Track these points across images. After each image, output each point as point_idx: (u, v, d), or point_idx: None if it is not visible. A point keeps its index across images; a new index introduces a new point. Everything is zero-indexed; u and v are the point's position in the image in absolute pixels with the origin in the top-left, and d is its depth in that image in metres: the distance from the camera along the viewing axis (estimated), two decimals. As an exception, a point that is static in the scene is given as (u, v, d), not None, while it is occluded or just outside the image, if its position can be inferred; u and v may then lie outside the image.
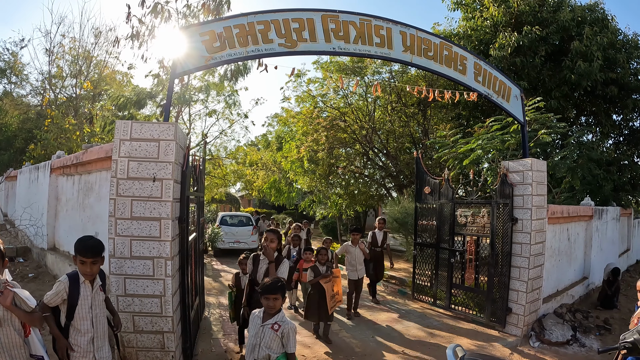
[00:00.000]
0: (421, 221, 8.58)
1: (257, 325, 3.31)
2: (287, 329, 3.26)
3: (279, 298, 3.32)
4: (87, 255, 3.02)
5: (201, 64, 4.80)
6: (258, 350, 3.25)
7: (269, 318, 3.30)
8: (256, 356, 3.25)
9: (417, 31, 5.74)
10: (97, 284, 3.17)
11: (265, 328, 3.27)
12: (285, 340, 3.26)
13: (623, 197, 13.37)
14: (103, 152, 5.90)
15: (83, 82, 19.59)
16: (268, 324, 3.28)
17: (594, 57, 12.01)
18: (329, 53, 6.03)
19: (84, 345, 3.06)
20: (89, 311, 3.10)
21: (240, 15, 4.95)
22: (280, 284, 3.38)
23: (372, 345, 6.03)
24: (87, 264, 3.03)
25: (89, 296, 3.10)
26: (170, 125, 4.20)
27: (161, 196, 4.10)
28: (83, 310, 3.07)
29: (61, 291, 3.03)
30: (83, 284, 3.09)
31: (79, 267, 3.08)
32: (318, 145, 15.38)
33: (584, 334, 6.62)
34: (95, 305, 3.14)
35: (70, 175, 8.04)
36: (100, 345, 3.17)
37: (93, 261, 3.05)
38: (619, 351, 2.85)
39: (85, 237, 3.17)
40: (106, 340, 3.25)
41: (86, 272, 3.06)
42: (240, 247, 14.59)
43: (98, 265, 3.12)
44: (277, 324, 3.26)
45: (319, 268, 6.43)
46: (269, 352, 3.23)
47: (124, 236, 4.11)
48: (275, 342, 3.24)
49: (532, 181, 6.33)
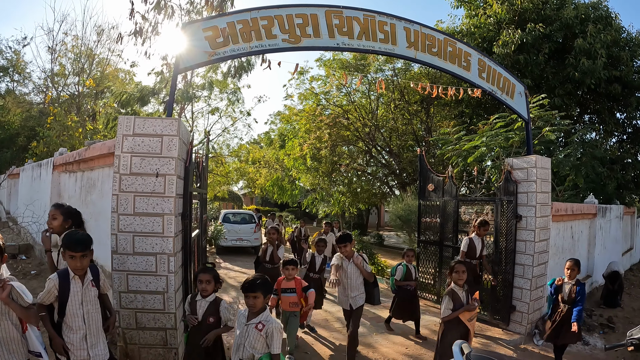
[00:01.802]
0: (424, 219, 8.55)
1: (242, 325, 3.24)
2: (272, 328, 3.17)
3: (259, 297, 3.19)
4: (76, 249, 2.98)
5: (204, 59, 4.77)
6: (242, 350, 3.18)
7: (253, 317, 3.21)
8: (241, 356, 3.18)
9: (421, 27, 5.70)
10: (87, 280, 3.11)
11: (249, 327, 3.19)
12: (270, 340, 3.16)
13: (626, 196, 13.35)
14: (106, 148, 5.89)
15: (85, 79, 19.59)
16: (252, 323, 3.19)
17: (597, 54, 11.98)
18: (332, 49, 5.99)
19: (77, 343, 3.02)
20: (80, 307, 3.04)
21: (243, 11, 4.92)
22: (260, 281, 3.25)
23: (376, 339, 6.02)
24: (77, 258, 2.99)
25: (79, 292, 3.05)
26: (173, 120, 4.18)
27: (164, 192, 4.08)
28: (74, 306, 3.03)
29: (52, 288, 3.01)
30: (73, 279, 3.04)
31: (68, 262, 3.04)
32: (321, 142, 15.39)
33: (588, 333, 6.60)
34: (87, 301, 3.08)
35: (72, 172, 8.04)
36: (94, 342, 3.10)
37: (82, 255, 3.02)
38: (626, 348, 2.83)
39: (72, 232, 3.17)
40: (100, 337, 3.18)
41: (76, 267, 3.02)
42: (242, 244, 14.61)
43: (88, 259, 3.09)
44: (261, 324, 3.18)
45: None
46: (253, 352, 3.15)
47: (126, 232, 4.09)
48: (260, 342, 3.16)
49: (537, 178, 6.29)
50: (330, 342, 5.94)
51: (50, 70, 21.57)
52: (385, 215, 32.95)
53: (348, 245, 4.92)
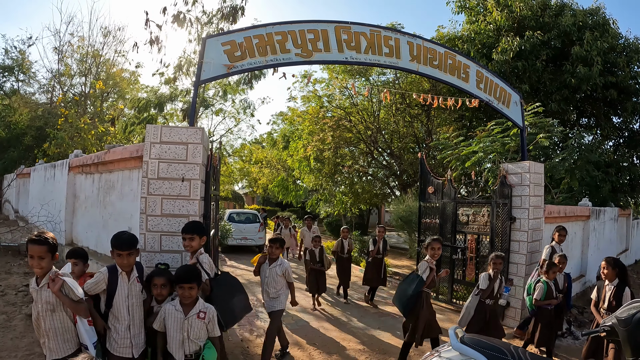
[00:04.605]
0: (424, 219, 8.95)
1: (180, 319, 3.30)
2: (212, 313, 3.34)
3: (194, 287, 3.34)
4: (122, 248, 3.31)
5: (223, 72, 5.15)
6: (188, 344, 3.28)
7: (191, 308, 3.32)
8: (186, 351, 3.28)
9: (423, 41, 6.10)
10: (133, 276, 3.45)
11: (190, 319, 3.29)
12: (212, 325, 3.34)
13: (622, 198, 13.64)
14: (127, 152, 6.27)
15: (92, 80, 19.97)
16: (192, 314, 3.30)
17: (594, 61, 12.32)
18: (341, 62, 6.35)
19: (122, 332, 3.36)
20: (126, 300, 3.37)
21: (259, 26, 5.31)
22: (196, 272, 3.48)
23: (378, 332, 6.42)
24: (124, 256, 3.32)
25: (126, 286, 3.38)
26: (197, 129, 4.57)
27: (189, 195, 4.47)
28: (120, 299, 3.35)
29: (100, 281, 3.33)
30: (120, 275, 3.38)
31: (116, 260, 3.37)
32: (324, 144, 15.74)
33: (578, 328, 6.98)
34: (132, 295, 3.41)
35: (89, 174, 8.40)
36: (136, 332, 3.42)
37: (129, 253, 3.35)
38: (599, 334, 3.22)
39: (119, 233, 3.46)
40: (142, 328, 3.48)
41: (123, 264, 3.36)
42: (247, 243, 14.97)
43: (133, 257, 3.42)
44: (202, 312, 3.32)
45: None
46: (199, 343, 3.30)
47: (154, 232, 4.47)
48: (203, 330, 3.31)
49: (530, 183, 6.69)
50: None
51: (56, 70, 21.96)
52: (385, 216, 33.31)
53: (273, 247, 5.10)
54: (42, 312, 3.01)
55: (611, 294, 4.63)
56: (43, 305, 3.01)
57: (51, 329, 3.04)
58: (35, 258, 2.96)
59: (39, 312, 3.02)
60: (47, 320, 3.03)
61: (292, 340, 5.90)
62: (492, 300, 5.11)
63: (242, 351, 5.46)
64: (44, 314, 3.02)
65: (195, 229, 3.93)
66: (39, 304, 3.01)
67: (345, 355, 5.56)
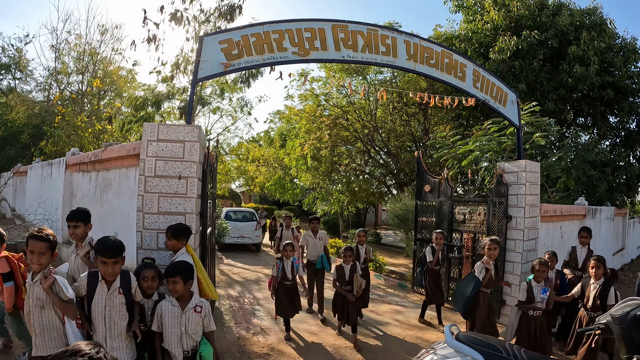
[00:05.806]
0: (421, 218, 8.99)
1: (177, 314, 3.24)
2: (207, 307, 3.31)
3: (179, 281, 3.26)
4: (107, 255, 3.08)
5: (220, 70, 5.15)
6: (186, 339, 3.23)
7: (187, 302, 3.28)
8: (185, 347, 3.23)
9: (420, 40, 6.11)
10: (114, 287, 3.16)
11: (187, 314, 3.24)
12: (207, 319, 3.30)
13: (618, 198, 13.70)
14: (124, 150, 6.28)
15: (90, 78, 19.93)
16: (189, 308, 3.25)
17: (590, 61, 12.37)
18: (338, 61, 6.37)
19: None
20: (102, 311, 3.13)
21: (256, 25, 5.32)
22: (181, 266, 3.37)
23: (376, 331, 6.44)
24: (109, 264, 3.09)
25: (104, 296, 3.14)
26: (194, 127, 4.58)
27: (186, 193, 4.47)
28: (96, 309, 3.14)
29: (80, 286, 3.18)
30: (100, 282, 3.15)
31: (100, 268, 3.13)
32: (321, 143, 15.75)
33: (574, 326, 7.02)
34: (110, 307, 3.14)
35: (86, 172, 8.40)
36: (116, 345, 3.14)
37: (114, 262, 3.11)
38: (594, 332, 3.25)
39: (104, 238, 3.20)
40: (125, 341, 3.21)
41: (107, 273, 3.12)
42: (244, 242, 15.00)
43: (119, 265, 3.17)
44: (198, 306, 3.28)
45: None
46: (196, 338, 3.27)
47: (151, 229, 4.47)
48: (199, 325, 3.27)
49: (526, 181, 6.72)
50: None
51: (53, 68, 21.89)
52: (382, 214, 33.40)
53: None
54: (32, 308, 3.02)
55: (596, 293, 4.74)
56: (33, 300, 3.02)
57: (38, 326, 3.04)
58: (35, 254, 2.98)
59: (29, 307, 3.04)
60: (36, 316, 3.03)
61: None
62: (537, 312, 4.83)
63: (239, 349, 5.47)
64: (33, 310, 3.03)
65: (80, 216, 3.75)
66: (30, 299, 3.03)
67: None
